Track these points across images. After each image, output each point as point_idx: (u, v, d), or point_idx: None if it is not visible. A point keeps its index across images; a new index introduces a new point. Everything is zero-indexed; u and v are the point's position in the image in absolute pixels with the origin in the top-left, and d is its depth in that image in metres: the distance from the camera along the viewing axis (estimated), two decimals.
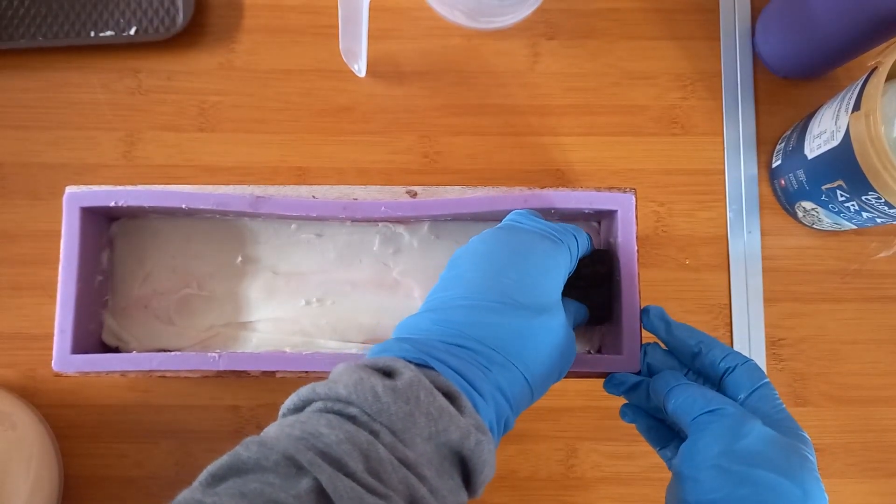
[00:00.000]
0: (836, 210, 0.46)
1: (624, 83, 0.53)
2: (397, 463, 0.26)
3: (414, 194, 0.42)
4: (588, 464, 0.49)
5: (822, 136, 0.44)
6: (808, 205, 0.48)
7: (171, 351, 0.42)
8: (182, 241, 0.45)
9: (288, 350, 0.43)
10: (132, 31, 0.51)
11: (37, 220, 0.50)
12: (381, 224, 0.45)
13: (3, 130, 0.51)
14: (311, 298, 0.44)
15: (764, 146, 0.52)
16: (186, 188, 0.42)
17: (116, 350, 0.44)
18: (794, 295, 0.51)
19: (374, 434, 0.26)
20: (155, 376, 0.41)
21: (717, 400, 0.33)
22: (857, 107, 0.40)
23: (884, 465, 0.50)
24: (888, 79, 0.40)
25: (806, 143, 0.46)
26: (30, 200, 0.51)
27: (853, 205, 0.43)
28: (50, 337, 0.40)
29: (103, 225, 0.44)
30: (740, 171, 0.52)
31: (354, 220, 0.44)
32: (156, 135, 0.52)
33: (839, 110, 0.42)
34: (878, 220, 0.44)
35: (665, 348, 0.39)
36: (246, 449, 0.26)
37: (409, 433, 0.27)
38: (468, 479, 0.29)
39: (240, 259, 0.44)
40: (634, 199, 0.41)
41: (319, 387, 0.28)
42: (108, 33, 0.51)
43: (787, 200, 0.51)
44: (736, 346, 0.50)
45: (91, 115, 0.52)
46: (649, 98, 0.52)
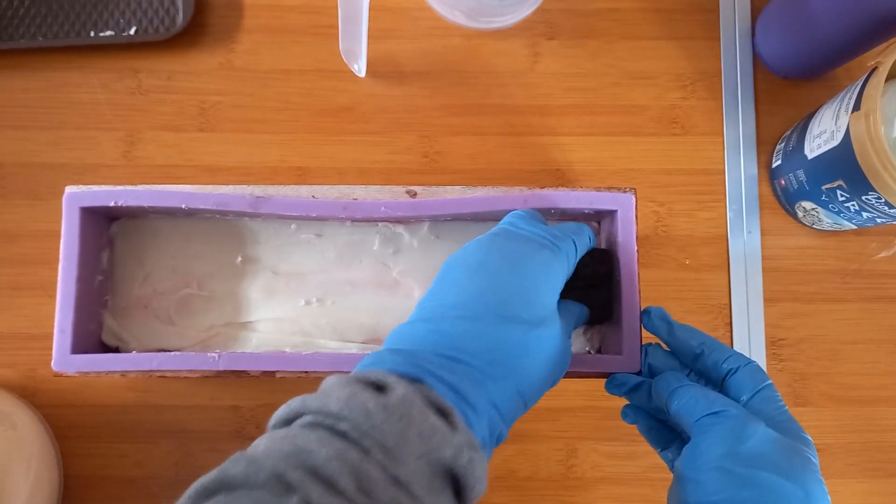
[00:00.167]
0: (836, 210, 0.46)
1: (624, 83, 0.53)
2: (389, 482, 0.25)
3: (414, 194, 0.42)
4: (588, 464, 0.49)
5: (822, 136, 0.44)
6: (808, 205, 0.48)
7: (171, 351, 0.42)
8: (182, 241, 0.45)
9: (288, 350, 0.43)
10: (132, 31, 0.51)
11: (37, 220, 0.50)
12: (381, 224, 0.45)
13: (3, 130, 0.51)
14: (311, 298, 0.44)
15: (764, 146, 0.52)
16: (186, 188, 0.42)
17: (116, 350, 0.44)
18: (794, 295, 0.51)
19: (365, 451, 0.26)
20: (155, 376, 0.41)
21: (720, 402, 0.32)
22: (857, 107, 0.40)
23: (884, 465, 0.50)
24: (888, 79, 0.40)
25: (806, 143, 0.46)
26: (30, 200, 0.51)
27: (853, 205, 0.43)
28: (50, 337, 0.40)
29: (103, 225, 0.44)
30: (740, 171, 0.52)
31: (354, 220, 0.44)
32: (156, 135, 0.52)
33: (839, 110, 0.42)
34: (878, 220, 0.44)
35: (666, 349, 0.39)
36: (235, 465, 0.25)
37: (401, 451, 0.26)
38: (459, 493, 0.28)
39: (240, 259, 0.44)
40: (634, 199, 0.41)
41: (310, 399, 0.28)
42: (108, 33, 0.51)
43: (787, 200, 0.51)
44: (736, 346, 0.50)
45: (91, 115, 0.52)
46: (649, 98, 0.52)
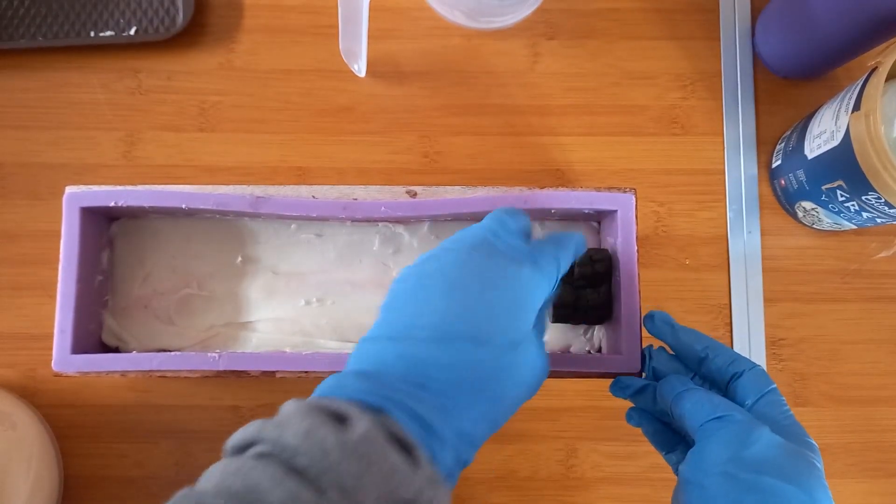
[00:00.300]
0: (836, 210, 0.46)
1: (624, 83, 0.53)
2: None
3: (414, 194, 0.42)
4: (588, 464, 0.49)
5: (822, 136, 0.44)
6: (808, 205, 0.48)
7: (171, 351, 0.42)
8: (182, 241, 0.45)
9: (288, 350, 0.43)
10: (132, 31, 0.51)
11: (37, 220, 0.50)
12: (381, 224, 0.45)
13: (3, 130, 0.51)
14: (311, 298, 0.44)
15: (764, 146, 0.52)
16: (186, 188, 0.42)
17: (116, 350, 0.44)
18: (794, 295, 0.51)
19: (321, 492, 0.25)
20: (155, 376, 0.41)
21: (724, 406, 0.32)
22: (857, 107, 0.40)
23: (884, 465, 0.50)
24: (888, 79, 0.40)
25: (806, 143, 0.46)
26: (30, 200, 0.51)
27: (853, 205, 0.43)
28: (50, 337, 0.40)
29: (103, 225, 0.44)
30: (740, 171, 0.52)
31: (354, 220, 0.44)
32: (156, 135, 0.52)
33: (839, 110, 0.42)
34: (878, 220, 0.44)
35: (670, 352, 0.39)
36: None
37: (359, 492, 0.25)
38: None
39: (240, 259, 0.44)
40: (634, 199, 0.41)
41: (268, 428, 0.27)
42: (108, 33, 0.51)
43: (787, 200, 0.51)
44: (736, 346, 0.50)
45: (91, 115, 0.52)
46: (649, 98, 0.52)
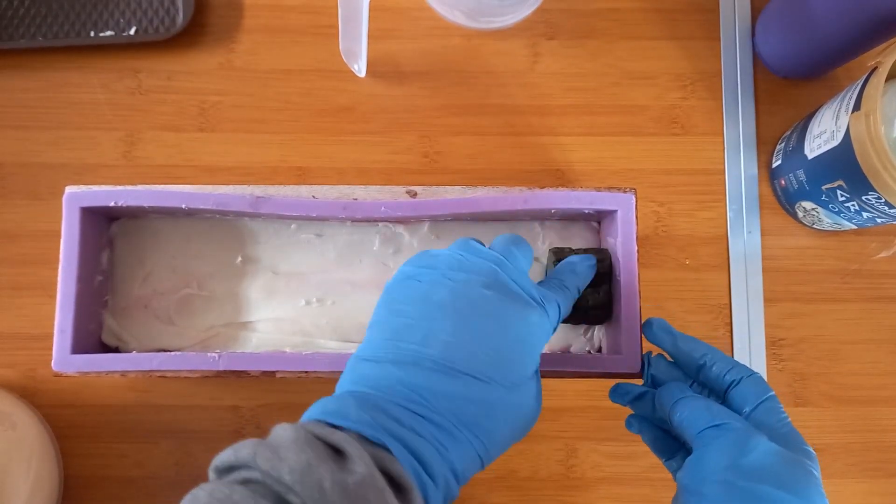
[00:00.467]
0: (836, 210, 0.46)
1: (624, 83, 0.53)
2: None
3: (414, 194, 0.42)
4: (588, 464, 0.49)
5: (822, 136, 0.44)
6: (808, 205, 0.48)
7: (171, 351, 0.42)
8: (182, 241, 0.45)
9: (288, 350, 0.43)
10: (132, 31, 0.51)
11: (37, 220, 0.50)
12: (381, 224, 0.45)
13: (3, 130, 0.51)
14: (311, 298, 0.44)
15: (764, 146, 0.52)
16: (186, 188, 0.42)
17: (116, 350, 0.44)
18: (794, 295, 0.51)
19: None
20: (155, 376, 0.41)
21: (722, 414, 0.32)
22: (857, 107, 0.40)
23: (884, 465, 0.50)
24: (888, 79, 0.40)
25: (806, 143, 0.46)
26: (30, 200, 0.51)
27: (853, 205, 0.43)
28: (50, 337, 0.40)
29: (103, 225, 0.44)
30: (740, 171, 0.52)
31: (354, 220, 0.44)
32: (156, 135, 0.52)
33: (839, 110, 0.42)
34: (878, 220, 0.44)
35: (669, 359, 0.39)
36: None
37: None
38: None
39: (240, 259, 0.44)
40: (634, 199, 0.41)
41: (263, 454, 0.26)
42: (108, 33, 0.51)
43: (787, 200, 0.51)
44: (736, 346, 0.50)
45: (91, 115, 0.52)
46: (649, 98, 0.52)
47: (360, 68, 0.51)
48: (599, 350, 0.44)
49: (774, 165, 0.51)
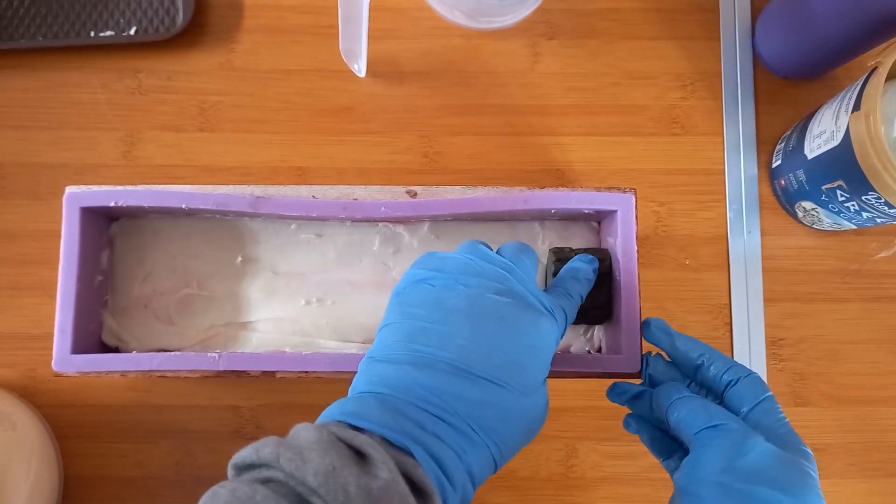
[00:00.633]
0: (836, 210, 0.46)
1: (624, 83, 0.53)
2: None
3: (414, 194, 0.42)
4: (588, 464, 0.49)
5: (822, 136, 0.44)
6: (808, 205, 0.48)
7: (171, 351, 0.42)
8: (182, 241, 0.45)
9: (288, 350, 0.43)
10: (132, 31, 0.51)
11: (37, 220, 0.50)
12: (381, 224, 0.45)
13: (3, 130, 0.51)
14: (311, 298, 0.44)
15: (764, 146, 0.52)
16: (186, 188, 0.42)
17: (116, 350, 0.44)
18: (794, 295, 0.51)
19: None
20: (155, 376, 0.41)
21: (719, 415, 0.32)
22: (857, 107, 0.40)
23: (884, 465, 0.50)
24: (888, 79, 0.40)
25: (806, 143, 0.46)
26: (30, 200, 0.51)
27: (853, 205, 0.43)
28: (50, 337, 0.40)
29: (103, 225, 0.44)
30: (740, 171, 0.52)
31: (354, 220, 0.44)
32: (156, 135, 0.52)
33: (839, 110, 0.42)
34: (878, 220, 0.44)
35: (667, 359, 0.38)
36: None
37: None
38: None
39: (240, 259, 0.44)
40: (634, 199, 0.41)
41: (286, 455, 0.26)
42: (108, 33, 0.51)
43: (787, 200, 0.51)
44: (736, 346, 0.50)
45: (91, 115, 0.52)
46: (649, 98, 0.52)
47: (360, 68, 0.51)
48: (599, 350, 0.44)
49: (774, 165, 0.51)
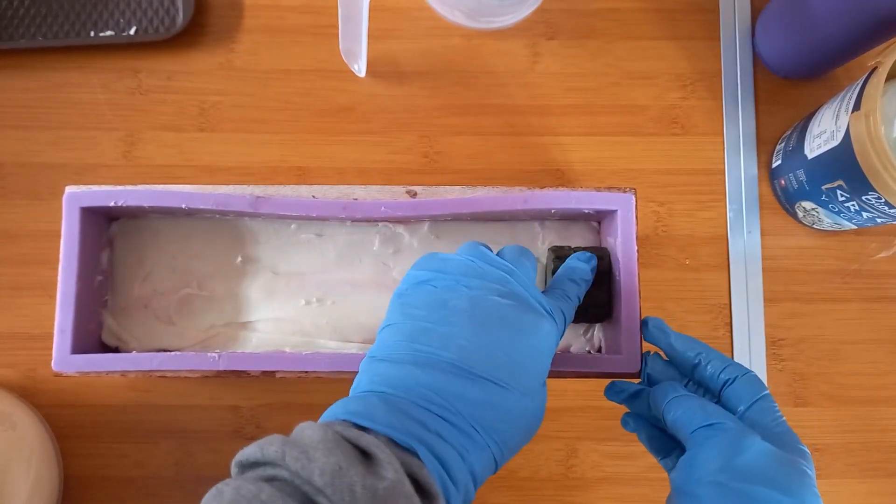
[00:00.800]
0: (836, 210, 0.46)
1: (624, 83, 0.53)
2: None
3: (414, 194, 0.42)
4: (588, 464, 0.49)
5: (822, 136, 0.44)
6: (808, 205, 0.48)
7: (171, 351, 0.42)
8: (182, 241, 0.45)
9: (288, 350, 0.43)
10: (132, 31, 0.51)
11: (37, 220, 0.50)
12: (381, 224, 0.45)
13: (3, 130, 0.51)
14: (311, 298, 0.44)
15: (764, 146, 0.52)
16: (186, 188, 0.42)
17: (116, 350, 0.44)
18: (794, 295, 0.51)
19: None
20: (155, 376, 0.41)
21: (716, 414, 0.32)
22: (857, 107, 0.40)
23: (884, 465, 0.50)
24: (888, 79, 0.40)
25: (806, 143, 0.46)
26: (30, 200, 0.51)
27: (853, 205, 0.43)
28: (50, 337, 0.40)
29: (103, 225, 0.44)
30: (740, 171, 0.52)
31: (354, 220, 0.44)
32: (156, 135, 0.52)
33: (839, 110, 0.42)
34: (878, 220, 0.44)
35: (666, 358, 0.39)
36: None
37: None
38: None
39: (240, 259, 0.44)
40: (634, 199, 0.41)
41: (291, 454, 0.26)
42: (108, 33, 0.51)
43: (787, 200, 0.51)
44: (736, 346, 0.50)
45: (91, 115, 0.52)
46: (649, 98, 0.52)
47: (360, 68, 0.51)
48: (599, 350, 0.44)
49: (774, 165, 0.51)
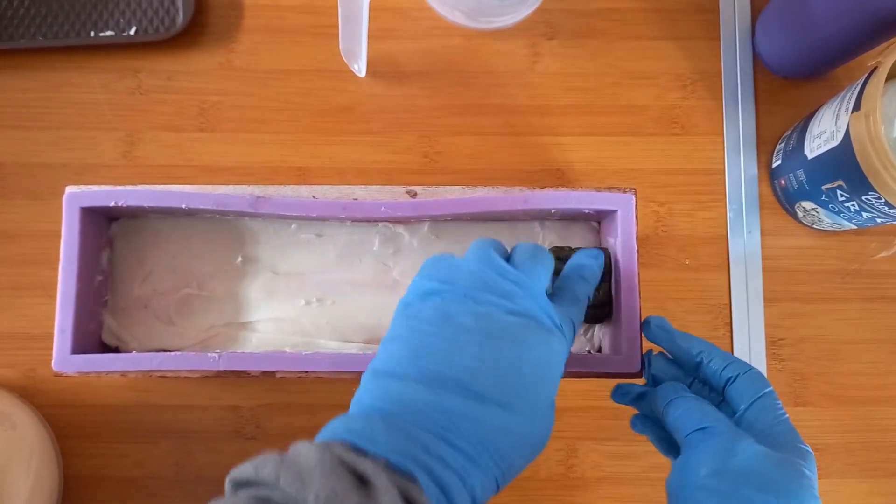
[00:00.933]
0: (836, 210, 0.46)
1: (624, 83, 0.53)
2: None
3: (414, 194, 0.42)
4: (588, 464, 0.49)
5: (822, 136, 0.44)
6: (808, 205, 0.48)
7: (171, 351, 0.42)
8: (182, 241, 0.45)
9: (288, 350, 0.43)
10: (132, 31, 0.51)
11: (37, 220, 0.50)
12: (381, 224, 0.45)
13: (3, 130, 0.51)
14: (311, 298, 0.44)
15: (764, 146, 0.52)
16: (186, 188, 0.42)
17: (116, 350, 0.44)
18: (794, 295, 0.51)
19: None
20: (155, 376, 0.41)
21: (710, 416, 0.32)
22: (857, 107, 0.40)
23: (884, 465, 0.50)
24: (888, 79, 0.40)
25: (806, 143, 0.46)
26: (30, 200, 0.51)
27: (853, 205, 0.43)
28: (50, 337, 0.40)
29: (103, 225, 0.44)
30: (740, 171, 0.52)
31: (354, 220, 0.44)
32: (156, 135, 0.52)
33: (839, 110, 0.42)
34: (878, 220, 0.44)
35: (669, 357, 0.38)
36: None
37: None
38: None
39: (240, 259, 0.44)
40: (634, 199, 0.41)
41: (286, 477, 0.25)
42: (108, 33, 0.51)
43: (787, 200, 0.51)
44: (736, 346, 0.50)
45: (91, 115, 0.52)
46: (649, 98, 0.52)
47: (360, 68, 0.51)
48: (599, 350, 0.44)
49: (774, 165, 0.51)
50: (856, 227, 0.47)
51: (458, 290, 0.32)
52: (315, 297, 0.44)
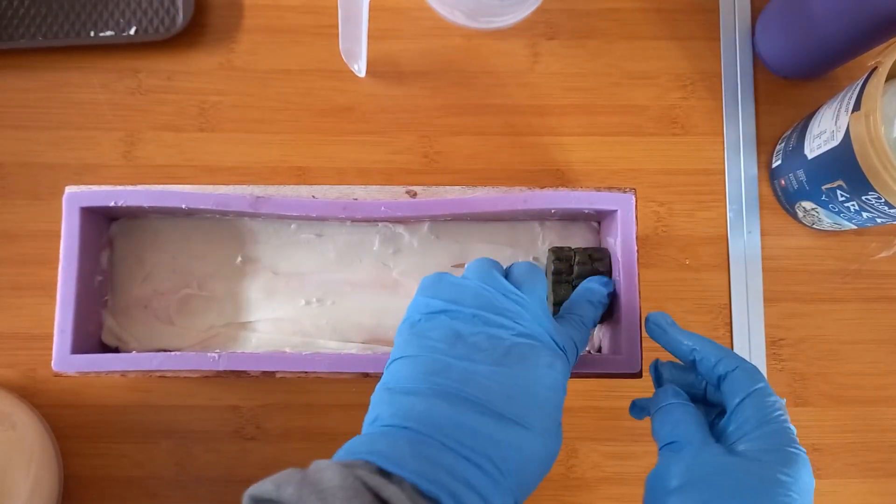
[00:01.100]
0: (836, 210, 0.46)
1: (624, 83, 0.53)
2: None
3: (414, 194, 0.42)
4: (588, 464, 0.49)
5: (822, 136, 0.44)
6: (808, 205, 0.48)
7: (171, 351, 0.42)
8: (182, 241, 0.45)
9: (288, 350, 0.43)
10: (132, 31, 0.51)
11: (37, 220, 0.50)
12: (381, 224, 0.45)
13: (3, 130, 0.51)
14: (311, 298, 0.44)
15: (764, 146, 0.52)
16: (186, 188, 0.42)
17: (116, 350, 0.44)
18: (794, 295, 0.51)
19: None
20: (155, 376, 0.41)
21: (678, 429, 0.32)
22: (857, 107, 0.40)
23: (884, 465, 0.50)
24: (888, 79, 0.40)
25: (806, 143, 0.46)
26: (30, 200, 0.51)
27: (853, 205, 0.43)
28: (50, 337, 0.40)
29: (103, 225, 0.44)
30: (740, 171, 0.52)
31: (354, 220, 0.44)
32: (156, 135, 0.52)
33: (839, 110, 0.42)
34: (878, 220, 0.44)
35: (679, 362, 0.37)
36: None
37: None
38: None
39: (240, 259, 0.44)
40: (634, 199, 0.41)
41: (308, 501, 0.25)
42: (108, 33, 0.51)
43: (787, 200, 0.51)
44: (736, 346, 0.50)
45: (91, 115, 0.52)
46: (649, 98, 0.52)
47: (360, 68, 0.51)
48: (599, 350, 0.44)
49: (774, 165, 0.51)
50: (856, 227, 0.47)
51: (467, 310, 0.32)
52: (315, 297, 0.44)
